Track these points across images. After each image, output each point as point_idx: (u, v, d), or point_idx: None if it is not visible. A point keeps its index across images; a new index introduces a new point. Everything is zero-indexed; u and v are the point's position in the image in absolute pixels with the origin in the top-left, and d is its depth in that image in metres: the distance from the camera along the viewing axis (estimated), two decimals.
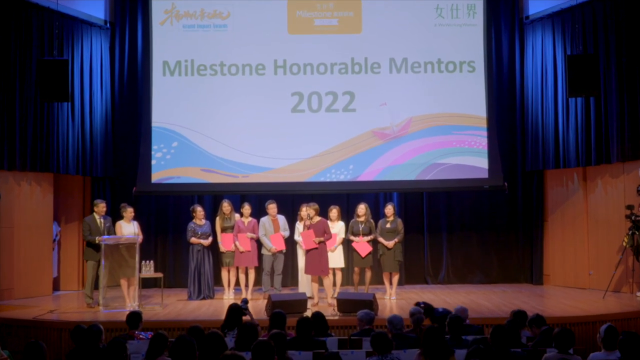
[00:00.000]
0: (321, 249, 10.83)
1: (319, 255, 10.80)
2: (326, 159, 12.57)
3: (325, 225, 10.99)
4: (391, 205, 11.75)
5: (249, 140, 12.57)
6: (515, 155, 13.56)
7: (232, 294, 11.76)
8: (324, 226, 10.95)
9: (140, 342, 7.14)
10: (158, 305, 10.86)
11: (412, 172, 12.57)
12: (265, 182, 12.52)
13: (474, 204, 13.69)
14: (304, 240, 10.92)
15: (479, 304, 10.82)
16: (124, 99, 13.35)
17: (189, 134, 12.55)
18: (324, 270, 10.87)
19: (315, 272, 10.89)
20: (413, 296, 11.86)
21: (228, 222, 11.75)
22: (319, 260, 10.79)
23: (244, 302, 8.38)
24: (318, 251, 10.80)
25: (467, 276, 13.62)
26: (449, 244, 13.69)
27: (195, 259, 11.61)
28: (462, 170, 12.57)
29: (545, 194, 13.55)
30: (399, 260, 11.58)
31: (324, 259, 10.86)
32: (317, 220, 10.95)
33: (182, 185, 12.57)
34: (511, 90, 13.51)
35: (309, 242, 10.83)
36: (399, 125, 12.60)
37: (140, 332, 7.51)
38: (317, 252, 10.79)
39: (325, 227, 10.96)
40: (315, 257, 10.80)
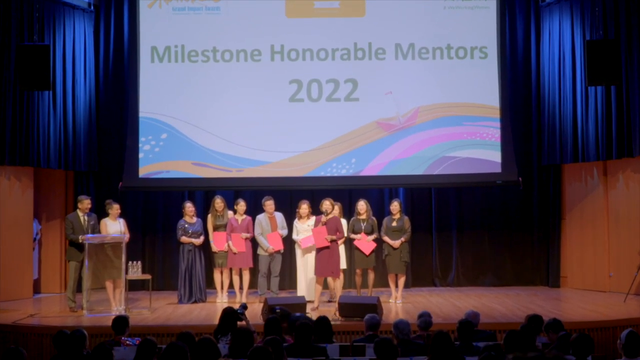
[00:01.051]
0: (333, 248, 10.89)
1: (329, 256, 10.85)
2: (327, 152, 12.59)
3: (338, 222, 11.05)
4: (397, 201, 11.77)
5: (244, 132, 12.57)
6: (531, 148, 13.58)
7: (226, 297, 11.79)
8: (336, 223, 11.01)
9: (127, 348, 7.15)
10: (146, 309, 10.88)
11: (420, 166, 12.59)
12: (261, 177, 12.52)
13: (486, 200, 13.72)
14: (316, 237, 10.95)
15: (491, 308, 10.85)
16: (109, 88, 13.36)
17: (179, 125, 12.57)
18: (335, 271, 10.92)
19: (326, 273, 10.93)
20: (420, 299, 11.91)
21: (221, 220, 11.77)
22: (328, 260, 10.84)
23: (242, 307, 8.38)
24: (329, 251, 10.85)
25: (478, 278, 13.65)
26: (458, 243, 13.72)
27: (185, 259, 11.63)
28: (473, 164, 12.58)
29: (562, 189, 13.56)
30: (405, 261, 11.60)
31: (335, 259, 10.91)
32: (331, 216, 11.00)
33: (171, 180, 12.59)
34: (526, 79, 13.52)
35: (320, 239, 10.86)
36: (406, 116, 12.61)
37: (127, 338, 7.52)
38: (328, 251, 10.85)
39: (338, 225, 11.02)
40: (325, 257, 10.85)
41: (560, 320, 7.74)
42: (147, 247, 13.55)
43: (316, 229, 10.96)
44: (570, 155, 12.84)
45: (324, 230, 10.89)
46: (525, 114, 13.54)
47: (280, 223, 11.85)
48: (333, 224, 10.98)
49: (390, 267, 11.61)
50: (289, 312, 8.05)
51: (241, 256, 11.65)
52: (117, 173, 12.87)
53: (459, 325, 7.12)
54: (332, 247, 10.90)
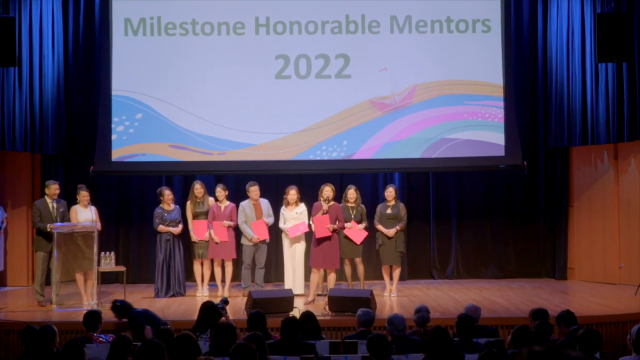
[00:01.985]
0: (333, 238, 10.98)
1: (329, 246, 10.92)
2: (316, 134, 12.59)
3: (338, 210, 11.12)
4: (392, 187, 11.80)
5: (226, 112, 12.57)
6: (537, 130, 13.62)
7: (206, 290, 11.82)
8: (337, 211, 11.05)
9: (99, 345, 7.17)
10: None
11: (417, 149, 12.61)
12: (245, 161, 12.53)
13: (488, 186, 13.77)
14: (317, 226, 10.98)
15: (492, 302, 10.91)
16: (80, 64, 13.30)
17: (155, 104, 12.55)
18: (335, 262, 11.01)
19: (324, 264, 11.00)
20: (417, 293, 11.97)
21: (201, 207, 11.78)
22: (328, 251, 10.90)
23: (222, 302, 8.40)
24: (329, 241, 10.91)
25: (479, 270, 13.72)
26: (458, 232, 13.77)
27: (163, 250, 11.63)
28: (474, 147, 12.61)
29: (570, 174, 13.62)
30: (400, 251, 11.63)
31: (334, 250, 10.99)
32: (332, 204, 11.04)
33: (147, 164, 12.58)
34: (532, 55, 13.54)
35: (322, 229, 10.89)
36: (402, 94, 12.62)
37: (99, 335, 7.54)
38: (328, 242, 10.91)
39: (338, 213, 11.07)
40: (325, 247, 10.91)
41: None
42: (121, 236, 13.54)
43: (318, 218, 11.01)
44: (579, 137, 12.87)
45: (326, 219, 10.94)
46: (531, 93, 13.56)
47: (265, 210, 11.86)
48: (334, 212, 11.03)
49: (385, 258, 11.64)
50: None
51: (223, 246, 11.66)
52: (88, 156, 12.82)
53: (459, 320, 7.15)
54: (333, 237, 10.99)
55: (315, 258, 11.06)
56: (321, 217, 10.96)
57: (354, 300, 9.66)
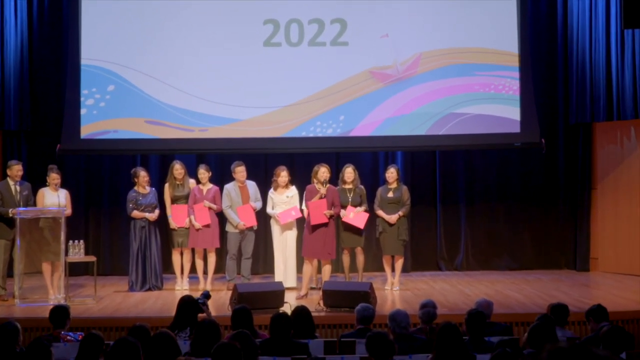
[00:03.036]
0: (330, 225, 10.97)
1: (324, 234, 10.90)
2: (309, 108, 12.58)
3: (335, 194, 11.08)
4: (394, 168, 11.79)
5: (209, 84, 12.55)
6: (556, 104, 13.62)
7: (187, 283, 11.83)
8: (333, 196, 11.02)
9: (67, 344, 7.15)
10: (90, 298, 10.88)
11: (422, 124, 12.60)
12: (230, 138, 12.52)
13: (502, 166, 13.80)
14: (312, 213, 10.96)
15: (506, 296, 10.93)
16: (45, 30, 13.25)
17: (129, 75, 12.52)
18: (330, 251, 10.99)
19: (319, 254, 10.97)
20: (422, 286, 11.99)
21: (180, 190, 11.77)
22: (324, 239, 10.89)
23: (203, 296, 8.39)
24: (325, 228, 10.90)
25: (491, 260, 13.76)
26: (468, 218, 13.80)
27: (138, 238, 11.62)
28: (486, 123, 12.61)
29: (593, 153, 13.64)
30: (403, 239, 11.63)
31: (331, 238, 10.99)
32: (327, 187, 11.02)
33: (120, 141, 12.56)
34: (551, 20, 13.53)
35: (318, 214, 10.87)
36: (405, 64, 12.60)
37: (67, 333, 7.52)
38: (325, 229, 10.89)
39: (335, 197, 11.04)
40: (321, 235, 10.90)
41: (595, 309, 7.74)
42: (90, 223, 13.54)
43: (314, 203, 10.98)
44: (603, 112, 12.89)
45: (323, 204, 10.90)
46: (550, 63, 13.56)
47: (253, 194, 11.85)
48: (330, 196, 11.00)
49: (386, 247, 11.64)
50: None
51: (205, 234, 11.66)
52: (54, 133, 12.79)
53: (469, 316, 7.15)
54: (329, 224, 10.97)
55: (308, 247, 11.04)
56: (317, 202, 10.93)
57: (352, 295, 9.66)
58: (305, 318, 7.58)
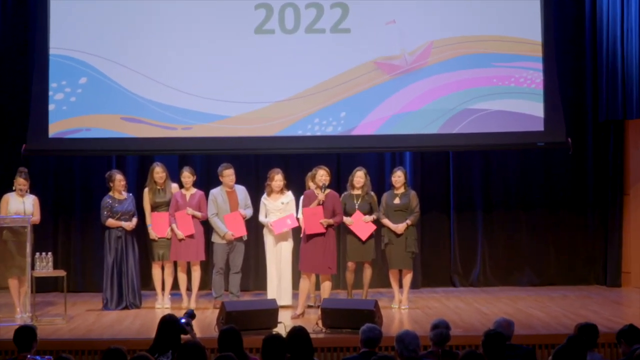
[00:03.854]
0: (329, 235, 10.89)
1: (324, 245, 10.84)
2: (306, 103, 12.56)
3: (336, 201, 11.01)
4: (401, 171, 11.75)
5: (193, 76, 12.53)
6: (584, 99, 13.61)
7: (168, 301, 11.80)
8: (334, 202, 10.96)
9: None
10: (60, 317, 10.82)
11: (433, 122, 12.57)
12: (217, 137, 12.50)
13: (524, 169, 13.78)
14: (307, 221, 10.91)
15: (528, 315, 10.89)
16: (9, 15, 13.23)
17: (103, 66, 12.50)
18: (331, 265, 10.93)
19: (317, 268, 10.91)
20: (434, 304, 11.96)
21: (161, 195, 11.75)
22: (323, 251, 10.83)
23: (187, 315, 8.35)
24: (324, 239, 10.83)
25: (511, 275, 13.73)
26: (486, 227, 13.77)
27: (113, 250, 11.60)
28: (506, 120, 12.59)
29: (626, 154, 13.63)
30: (412, 251, 11.58)
31: (331, 250, 10.93)
32: (327, 192, 10.97)
33: (93, 141, 12.53)
34: (578, 4, 13.53)
35: (313, 223, 10.81)
36: (414, 54, 12.58)
37: (34, 357, 7.48)
38: (323, 240, 10.83)
39: (336, 204, 10.97)
40: (319, 246, 10.84)
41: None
42: (60, 233, 13.51)
43: (309, 210, 10.91)
44: (637, 108, 12.87)
45: (319, 211, 10.84)
46: (577, 52, 13.55)
47: (242, 200, 11.82)
48: (329, 201, 10.93)
49: (393, 260, 11.59)
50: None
51: (189, 245, 11.63)
52: (19, 131, 12.75)
53: (486, 338, 7.10)
54: (329, 235, 10.90)
55: (305, 260, 10.97)
56: (313, 209, 10.86)
57: (355, 314, 9.62)
58: (302, 340, 7.52)
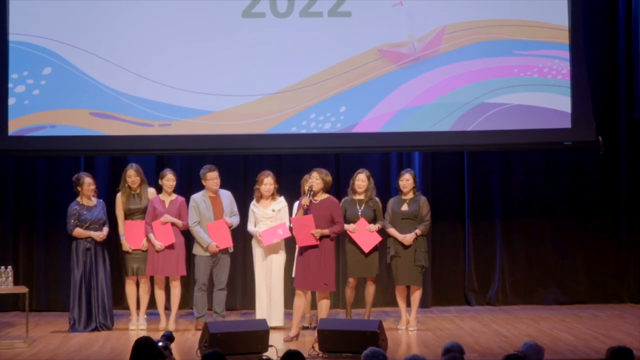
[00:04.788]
0: (324, 247, 10.81)
1: (319, 259, 10.79)
2: (301, 97, 12.56)
3: (334, 207, 10.93)
4: (409, 174, 11.74)
5: (173, 65, 12.54)
6: (617, 92, 13.63)
7: (144, 321, 11.80)
8: (332, 209, 10.90)
9: None
10: (21, 340, 10.82)
11: (446, 118, 12.58)
12: (200, 135, 12.51)
13: (548, 172, 13.81)
14: (297, 231, 10.88)
15: (554, 338, 10.87)
16: None
17: (70, 54, 12.51)
18: (328, 281, 10.85)
19: (312, 284, 10.86)
20: (446, 325, 11.96)
21: (136, 201, 11.75)
22: (318, 266, 10.79)
23: (165, 337, 8.37)
24: (318, 251, 10.77)
25: (535, 292, 13.76)
26: (505, 238, 13.78)
27: (81, 263, 11.57)
28: (528, 116, 12.60)
29: None
30: (421, 265, 11.57)
31: (329, 265, 10.85)
32: (324, 198, 10.91)
33: (59, 139, 12.53)
34: None
35: (304, 234, 10.76)
36: (424, 40, 12.59)
37: None
38: (317, 252, 10.77)
39: (334, 212, 10.90)
40: (312, 260, 10.79)
41: None
42: (21, 244, 13.51)
43: (298, 220, 10.85)
44: None
45: (309, 221, 10.78)
46: (609, 40, 13.57)
47: (228, 206, 11.81)
48: (326, 209, 10.86)
49: (399, 276, 11.58)
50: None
51: (168, 258, 11.62)
52: None
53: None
54: (324, 247, 10.80)
55: (299, 276, 10.92)
56: (302, 218, 10.78)
57: (356, 336, 9.62)
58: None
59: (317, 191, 10.89)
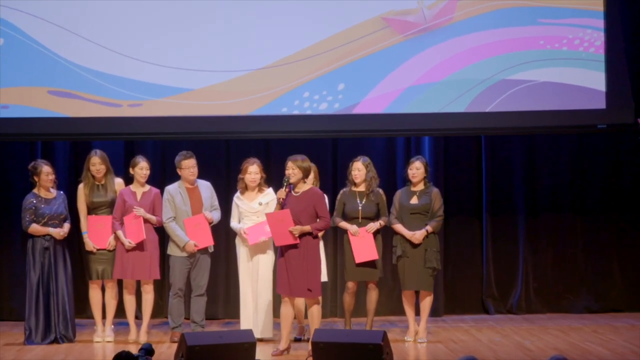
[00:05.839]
0: (306, 246, 10.71)
1: (301, 260, 10.69)
2: (293, 73, 12.58)
3: (318, 200, 10.78)
4: (420, 162, 11.70)
5: (144, 36, 12.56)
6: None
7: (111, 332, 11.78)
8: (314, 202, 10.79)
9: None
10: None
11: (460, 97, 12.60)
12: (175, 117, 12.54)
13: (579, 160, 13.84)
14: (273, 229, 10.81)
15: (585, 352, 10.85)
16: None
17: (25, 24, 12.51)
18: (312, 287, 10.74)
19: (292, 290, 10.77)
20: (461, 337, 11.96)
21: (101, 194, 11.72)
22: (299, 268, 10.69)
23: (144, 351, 8.45)
24: (299, 252, 10.69)
25: (563, 298, 13.81)
26: (529, 237, 13.83)
27: (39, 265, 11.54)
28: (556, 95, 12.62)
29: None
30: (432, 267, 11.53)
31: (311, 266, 10.74)
32: (305, 189, 10.82)
33: (12, 122, 12.57)
34: None
35: (281, 231, 10.69)
36: (435, 7, 12.61)
37: None
38: (298, 253, 10.69)
39: (317, 205, 10.78)
40: (292, 261, 10.69)
41: None
42: None
43: (273, 215, 10.77)
44: None
45: (286, 215, 10.70)
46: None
47: (208, 199, 11.80)
48: (307, 202, 10.77)
49: (407, 279, 11.55)
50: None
51: (139, 259, 11.60)
52: None
53: None
54: (306, 246, 10.70)
55: (281, 280, 10.81)
56: (278, 213, 10.64)
57: (356, 349, 9.49)
58: None
59: (296, 182, 10.76)
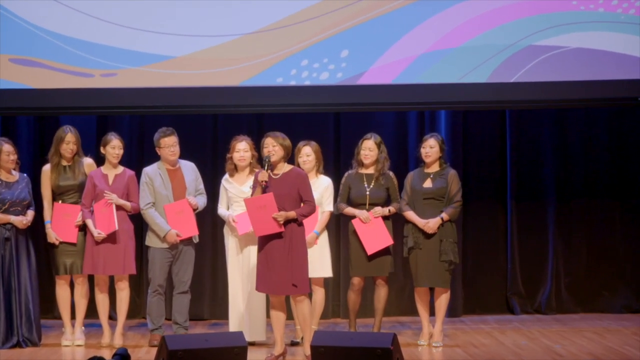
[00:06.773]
0: (291, 235, 10.65)
1: (285, 251, 10.64)
2: (289, 38, 12.57)
3: (302, 182, 10.70)
4: (435, 139, 11.67)
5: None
6: None
7: (81, 334, 11.77)
8: (298, 185, 10.69)
9: None
10: None
11: (482, 66, 12.57)
12: (155, 88, 12.52)
13: (617, 137, 13.85)
14: (253, 214, 10.72)
15: (624, 357, 10.81)
16: None
17: None
18: (298, 282, 10.68)
19: (274, 287, 10.71)
20: (482, 340, 11.94)
21: (69, 177, 11.72)
22: (283, 261, 10.63)
23: (119, 357, 8.62)
24: (282, 242, 10.62)
25: (599, 296, 13.82)
26: (560, 226, 13.84)
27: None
28: (591, 63, 12.61)
29: None
30: (449, 260, 11.49)
31: (297, 259, 10.69)
32: (287, 170, 10.71)
33: None
34: None
35: (263, 219, 10.60)
36: None
37: None
38: (282, 244, 10.62)
39: (302, 187, 10.69)
40: (275, 254, 10.63)
41: None
42: None
43: (253, 200, 10.67)
44: None
45: (268, 200, 10.59)
46: None
47: (191, 182, 11.77)
48: (290, 184, 10.65)
49: (420, 274, 11.51)
50: None
51: (112, 252, 11.54)
52: None
53: None
54: (291, 235, 10.63)
55: (261, 275, 10.68)
56: (259, 197, 10.55)
57: (363, 354, 9.49)
58: None
59: (276, 162, 10.62)
